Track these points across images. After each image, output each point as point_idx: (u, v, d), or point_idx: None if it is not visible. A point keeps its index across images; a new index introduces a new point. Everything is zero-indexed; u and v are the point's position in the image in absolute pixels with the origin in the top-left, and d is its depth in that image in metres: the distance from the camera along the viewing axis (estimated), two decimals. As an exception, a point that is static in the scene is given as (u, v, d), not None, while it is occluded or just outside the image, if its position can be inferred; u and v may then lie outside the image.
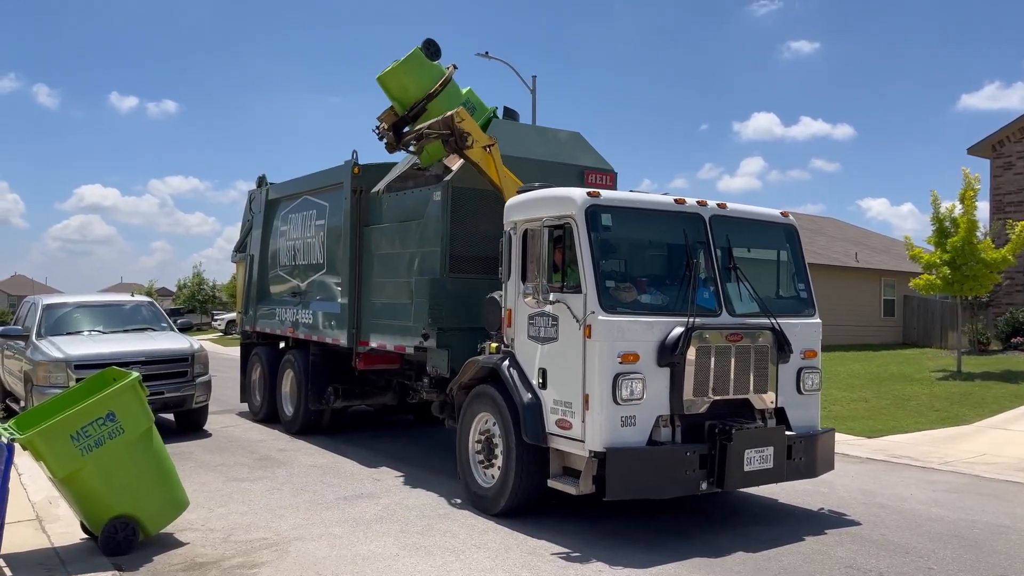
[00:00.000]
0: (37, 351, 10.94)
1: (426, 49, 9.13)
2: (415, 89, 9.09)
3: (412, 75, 9.09)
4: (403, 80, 9.12)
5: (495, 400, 7.03)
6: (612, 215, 6.64)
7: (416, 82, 9.11)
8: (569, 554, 6.00)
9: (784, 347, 6.89)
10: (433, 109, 8.89)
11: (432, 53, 9.17)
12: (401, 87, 9.15)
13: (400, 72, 9.12)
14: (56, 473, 5.75)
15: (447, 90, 9.08)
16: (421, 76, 9.11)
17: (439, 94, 9.01)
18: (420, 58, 9.12)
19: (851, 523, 7.00)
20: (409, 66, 9.13)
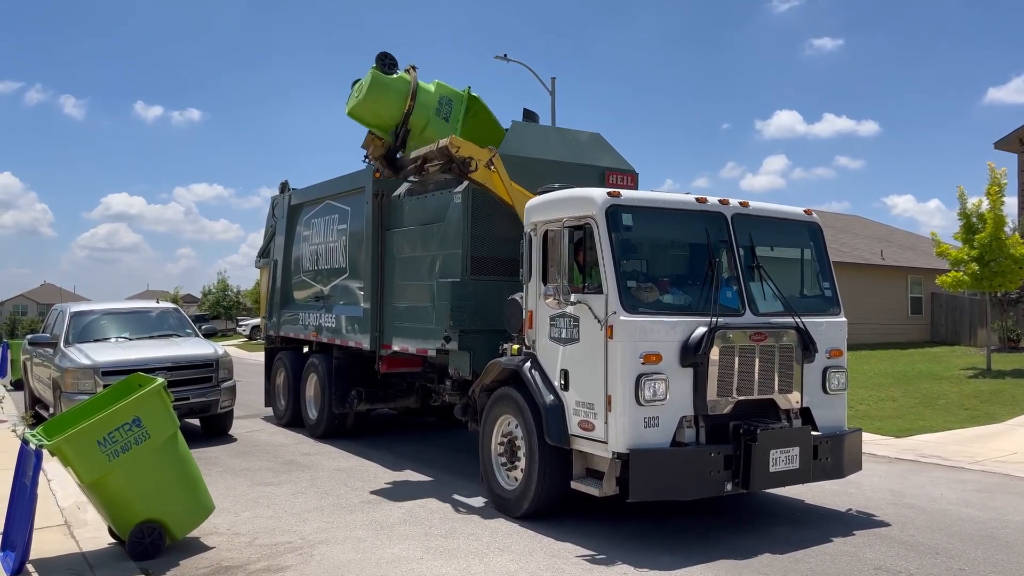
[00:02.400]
0: (65, 358, 11.08)
1: (382, 66, 8.90)
2: (390, 113, 8.93)
3: (382, 101, 8.91)
4: (375, 108, 8.95)
5: (517, 402, 7.02)
6: (633, 215, 6.60)
7: (388, 106, 8.93)
8: (594, 556, 5.97)
9: (809, 346, 6.81)
10: (415, 124, 8.80)
11: (389, 66, 8.96)
12: (376, 115, 9.01)
13: (370, 102, 8.92)
14: (83, 478, 5.82)
15: (419, 99, 8.92)
16: (391, 98, 8.93)
17: (418, 107, 8.89)
18: (382, 80, 8.90)
19: (880, 524, 6.90)
20: (376, 93, 8.92)
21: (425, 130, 9.01)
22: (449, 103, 8.99)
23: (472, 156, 8.00)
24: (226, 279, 58.95)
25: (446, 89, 9.30)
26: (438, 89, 9.22)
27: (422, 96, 9.01)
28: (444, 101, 9.02)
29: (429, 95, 9.12)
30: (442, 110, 9.11)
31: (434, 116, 9.06)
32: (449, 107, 9.03)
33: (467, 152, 8.00)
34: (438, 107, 9.08)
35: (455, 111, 9.06)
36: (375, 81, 8.89)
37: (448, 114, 9.10)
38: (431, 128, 9.04)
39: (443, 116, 9.12)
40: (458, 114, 9.07)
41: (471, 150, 8.04)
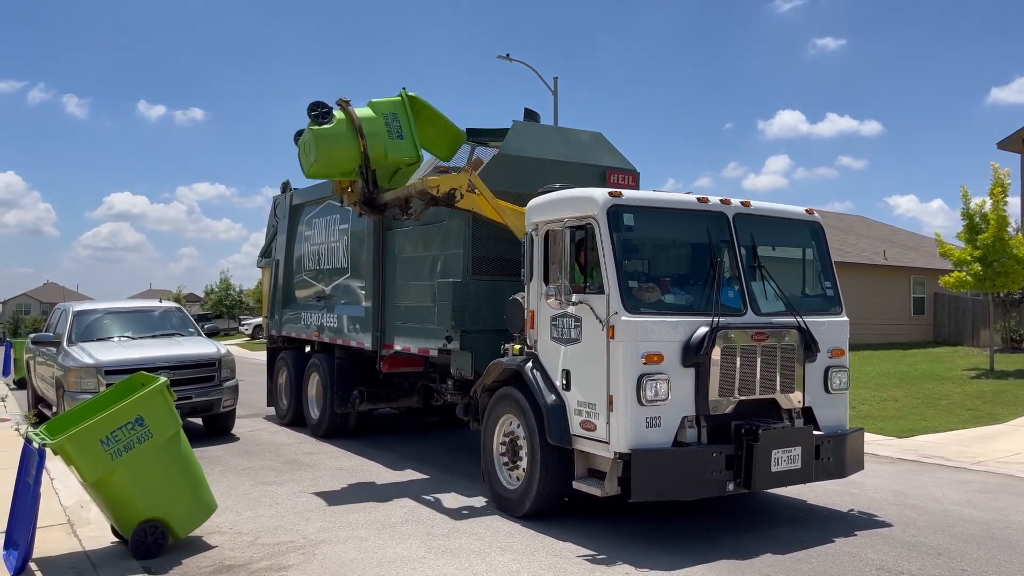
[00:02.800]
0: (68, 357, 11.10)
1: (317, 119, 8.35)
2: (347, 158, 8.51)
3: (334, 152, 8.44)
4: (330, 162, 8.54)
5: (519, 402, 7.02)
6: (634, 215, 6.61)
7: (342, 154, 8.48)
8: (595, 556, 5.98)
9: (811, 346, 6.81)
10: (375, 157, 8.47)
11: (323, 115, 8.37)
12: (334, 167, 8.64)
13: (323, 159, 8.44)
14: (86, 477, 5.83)
15: (367, 130, 8.41)
16: (341, 145, 8.44)
17: (369, 139, 8.41)
18: (323, 133, 8.36)
19: (882, 524, 6.90)
20: (324, 148, 8.39)
21: (387, 158, 8.61)
22: (395, 117, 8.54)
23: (453, 187, 7.87)
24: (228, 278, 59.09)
25: (384, 105, 8.71)
26: (377, 109, 8.64)
27: (368, 126, 8.46)
28: (390, 118, 8.56)
29: (374, 121, 8.55)
30: (392, 129, 8.61)
31: (388, 140, 8.55)
32: (397, 121, 8.57)
33: (447, 186, 7.90)
34: (388, 129, 8.55)
35: (404, 123, 8.60)
36: (318, 137, 8.34)
37: (400, 130, 8.59)
38: (392, 153, 8.62)
39: (396, 135, 8.60)
40: (408, 125, 8.63)
41: (449, 182, 7.93)
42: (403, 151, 8.66)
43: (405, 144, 8.64)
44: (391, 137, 8.55)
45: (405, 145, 8.65)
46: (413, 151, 8.69)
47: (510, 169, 8.69)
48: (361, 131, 8.36)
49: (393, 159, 8.68)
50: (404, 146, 8.65)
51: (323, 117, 8.33)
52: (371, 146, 8.44)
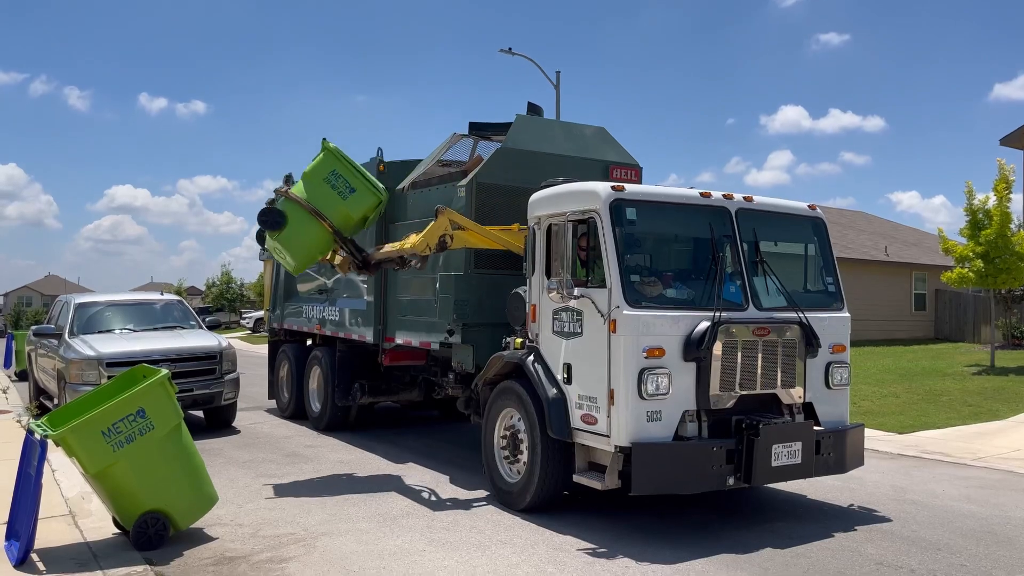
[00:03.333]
0: (70, 349, 11.11)
1: (270, 226, 8.10)
2: (320, 241, 8.31)
3: (305, 244, 8.23)
4: (305, 253, 8.39)
5: (520, 395, 7.03)
6: (637, 209, 6.60)
7: (313, 241, 8.23)
8: (595, 550, 5.99)
9: (812, 341, 6.81)
10: (342, 225, 8.22)
11: (276, 222, 8.07)
12: (313, 253, 8.48)
13: (299, 257, 8.31)
14: (88, 469, 5.84)
15: (322, 207, 8.08)
16: (306, 236, 8.16)
17: (327, 212, 8.10)
18: (283, 236, 8.14)
19: (881, 519, 6.91)
20: (296, 246, 8.19)
21: (353, 217, 8.34)
22: (336, 175, 8.17)
23: (441, 234, 7.73)
24: (230, 271, 59.22)
25: (319, 170, 8.25)
26: (316, 177, 8.22)
27: (319, 202, 8.10)
28: (333, 179, 8.15)
29: (320, 192, 8.14)
30: (341, 189, 8.22)
31: (344, 201, 8.19)
32: (340, 178, 8.20)
33: (434, 238, 7.73)
34: (337, 191, 8.18)
35: (347, 176, 8.23)
36: (282, 241, 8.17)
37: (348, 185, 8.22)
38: (355, 211, 8.28)
39: (348, 192, 8.21)
40: (351, 173, 8.27)
41: (434, 232, 7.75)
42: (363, 202, 8.31)
43: (360, 195, 8.27)
44: (345, 197, 8.19)
45: (361, 196, 8.27)
46: (373, 196, 8.36)
47: (512, 163, 8.68)
48: (317, 212, 8.06)
49: (359, 214, 8.38)
50: (361, 197, 8.28)
51: (276, 224, 8.06)
52: (332, 217, 8.15)
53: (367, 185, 8.33)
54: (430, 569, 5.59)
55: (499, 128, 9.72)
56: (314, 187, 8.17)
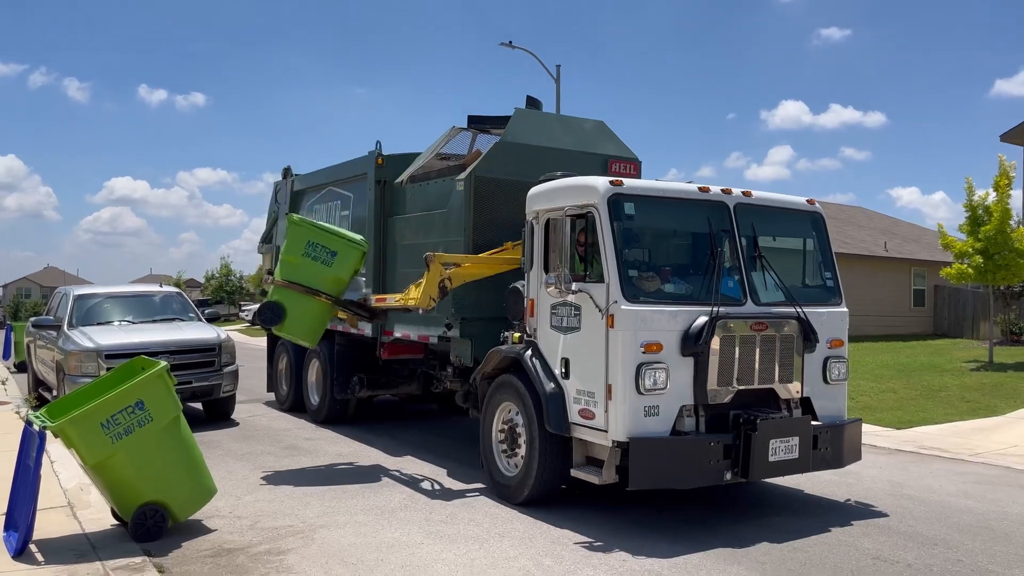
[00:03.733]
0: (69, 341, 11.11)
1: (272, 322, 8.24)
2: (323, 313, 8.45)
3: (310, 323, 8.34)
4: (316, 326, 8.49)
5: (518, 390, 7.04)
6: (635, 204, 6.60)
7: (316, 317, 8.35)
8: (592, 543, 6.00)
9: (810, 336, 6.81)
10: (334, 289, 8.35)
11: (276, 317, 8.24)
12: (322, 324, 8.58)
13: (311, 332, 8.45)
14: (87, 460, 5.85)
15: (313, 280, 8.19)
16: (309, 316, 8.34)
17: (319, 286, 8.21)
18: (289, 323, 8.28)
19: (878, 514, 6.93)
20: (302, 327, 8.38)
21: (343, 279, 8.45)
22: (313, 246, 8.21)
23: (440, 282, 7.76)
24: (229, 264, 59.20)
25: (294, 244, 8.31)
26: (293, 254, 8.29)
27: (308, 279, 8.23)
28: (311, 250, 8.20)
29: (305, 267, 8.24)
30: (323, 257, 8.18)
31: (329, 268, 8.29)
32: (317, 246, 8.25)
33: (433, 286, 7.76)
34: (319, 260, 8.24)
35: (324, 241, 8.28)
36: (288, 328, 8.35)
37: (326, 250, 8.28)
38: (342, 272, 8.35)
39: (330, 256, 8.26)
40: (326, 236, 8.33)
41: (431, 283, 7.78)
42: (348, 260, 8.41)
43: (343, 255, 8.35)
44: (329, 264, 8.28)
45: (344, 256, 8.36)
46: (355, 250, 8.45)
47: (511, 157, 8.66)
48: (309, 290, 8.19)
49: (348, 273, 8.48)
50: (345, 257, 8.36)
51: (276, 319, 8.23)
52: (325, 287, 8.28)
53: (346, 242, 8.42)
54: (428, 561, 5.61)
55: (498, 122, 9.70)
56: (296, 266, 8.27)
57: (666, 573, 5.42)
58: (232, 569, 5.48)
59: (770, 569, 5.53)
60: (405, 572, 5.42)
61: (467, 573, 5.40)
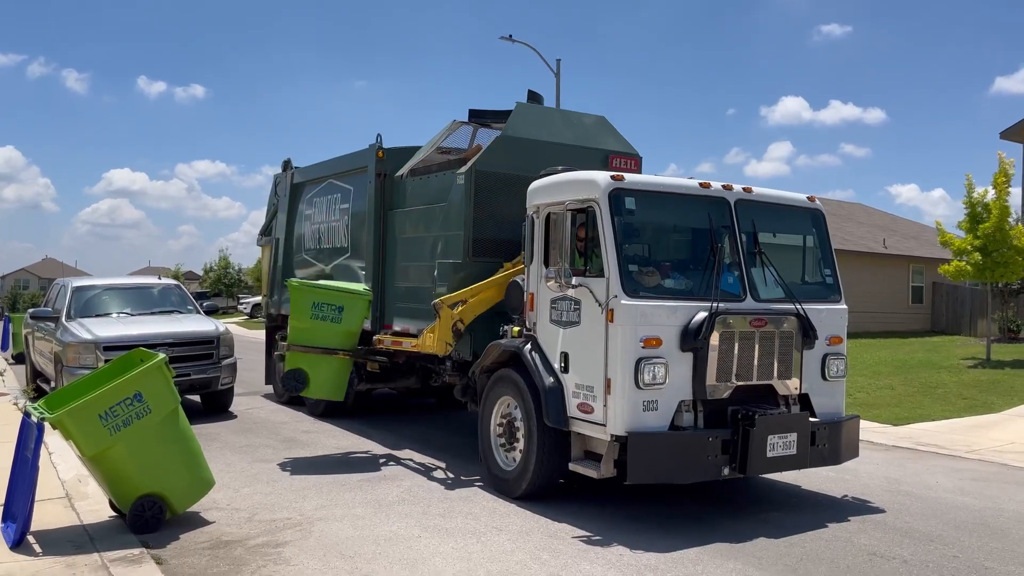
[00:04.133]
0: (67, 332, 11.10)
1: (297, 388, 8.71)
2: (343, 368, 8.84)
3: (334, 380, 8.76)
4: (340, 381, 8.85)
5: (517, 384, 7.04)
6: (636, 199, 6.58)
7: (337, 373, 8.76)
8: (590, 537, 6.01)
9: (809, 333, 6.81)
10: (347, 343, 8.67)
11: (299, 384, 8.68)
12: (344, 377, 8.92)
13: (335, 387, 8.82)
14: (85, 452, 5.85)
15: (325, 342, 8.52)
16: (332, 374, 8.72)
17: (333, 343, 8.55)
18: (313, 388, 8.72)
19: (875, 510, 6.94)
20: (328, 386, 8.79)
21: (353, 330, 8.73)
22: (319, 307, 8.46)
23: (453, 325, 7.91)
24: (227, 257, 59.04)
25: (300, 308, 8.58)
26: (301, 318, 8.57)
27: (321, 339, 8.59)
28: (317, 311, 8.46)
29: (315, 328, 8.55)
30: (331, 315, 8.55)
31: (339, 324, 8.59)
32: (321, 306, 8.49)
33: (447, 332, 7.93)
34: (329, 319, 8.52)
35: (326, 300, 8.52)
36: (313, 391, 8.73)
37: (332, 309, 8.54)
38: (353, 324, 8.70)
39: (337, 312, 8.54)
40: (329, 296, 8.57)
41: (444, 329, 7.94)
42: (356, 312, 8.71)
43: (350, 308, 8.65)
44: (339, 320, 8.59)
45: (352, 308, 8.66)
46: (361, 300, 8.74)
47: (512, 151, 8.65)
48: (325, 350, 8.52)
49: (358, 325, 8.79)
50: (352, 310, 8.67)
51: (301, 384, 8.66)
52: (339, 343, 8.60)
53: (350, 295, 8.67)
54: (425, 555, 5.62)
55: (499, 116, 9.70)
56: (307, 329, 8.56)
57: (663, 567, 5.43)
58: (230, 561, 5.49)
59: (767, 564, 5.54)
60: (403, 565, 5.42)
61: (464, 566, 5.41)
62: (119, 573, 5.04)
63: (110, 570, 5.09)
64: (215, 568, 5.35)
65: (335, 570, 5.33)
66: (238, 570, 5.32)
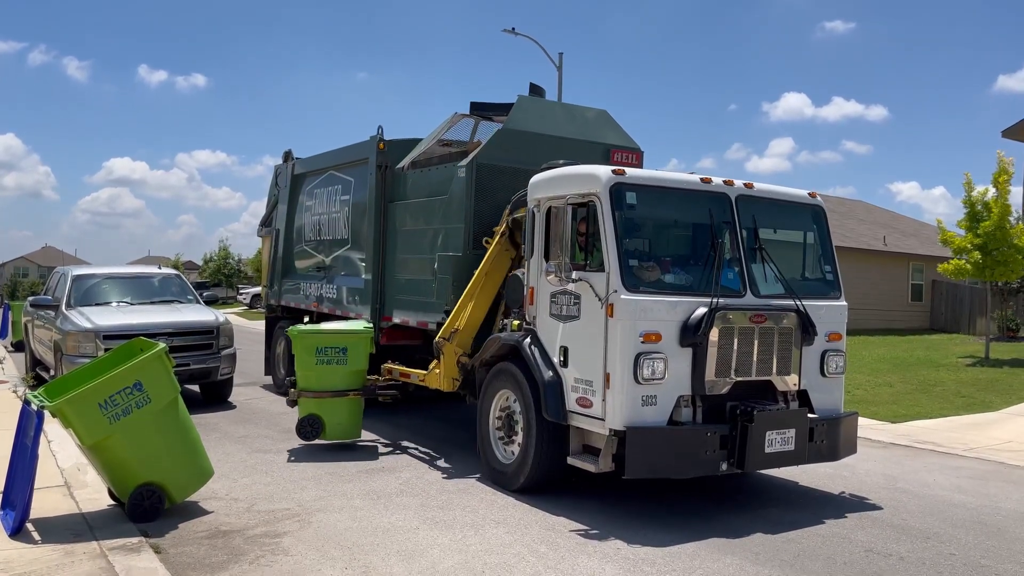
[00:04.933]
0: (67, 321, 11.11)
1: (313, 435, 8.60)
2: (357, 406, 8.84)
3: (347, 421, 8.73)
4: (355, 424, 8.84)
5: (516, 377, 7.05)
6: (637, 193, 6.57)
7: (351, 413, 8.76)
8: (587, 531, 6.03)
9: (808, 329, 6.81)
10: (354, 383, 8.74)
11: (314, 431, 8.62)
12: (358, 419, 8.89)
13: (356, 430, 8.84)
14: (84, 440, 5.86)
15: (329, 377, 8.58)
16: (343, 410, 8.68)
17: (342, 386, 8.63)
18: (329, 430, 8.67)
19: (872, 507, 6.96)
20: (343, 429, 8.71)
21: (361, 366, 8.82)
22: (321, 350, 8.57)
23: (457, 360, 7.92)
24: (227, 247, 59.05)
25: (306, 355, 8.64)
26: (307, 364, 8.65)
27: (331, 382, 8.63)
28: (322, 355, 8.58)
29: (324, 373, 8.65)
30: (336, 357, 8.64)
31: (347, 365, 8.67)
32: (325, 350, 8.59)
33: (452, 368, 7.96)
34: (335, 361, 8.61)
35: (329, 343, 8.64)
36: (330, 436, 8.68)
37: (336, 351, 8.63)
38: (359, 362, 8.77)
39: (342, 353, 8.65)
40: (331, 339, 8.66)
41: (449, 366, 7.99)
42: (360, 350, 8.75)
43: (355, 347, 8.70)
44: (344, 362, 8.66)
45: (356, 347, 8.71)
46: (362, 338, 8.77)
47: (513, 144, 8.64)
48: (336, 393, 8.62)
49: (363, 362, 8.83)
50: (357, 348, 8.72)
51: (316, 431, 8.60)
52: (347, 384, 8.70)
53: (353, 335, 8.73)
54: (423, 547, 5.63)
55: (500, 108, 9.67)
56: (316, 373, 8.66)
57: (660, 562, 5.45)
58: (228, 551, 5.50)
59: (764, 559, 5.55)
60: (401, 556, 5.44)
61: (462, 558, 5.42)
62: (118, 561, 5.05)
63: (109, 558, 5.10)
64: (214, 557, 5.37)
65: (333, 560, 5.34)
66: (236, 560, 5.34)
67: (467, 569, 5.24)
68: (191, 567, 5.19)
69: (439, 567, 5.27)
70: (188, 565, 5.22)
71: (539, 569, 5.27)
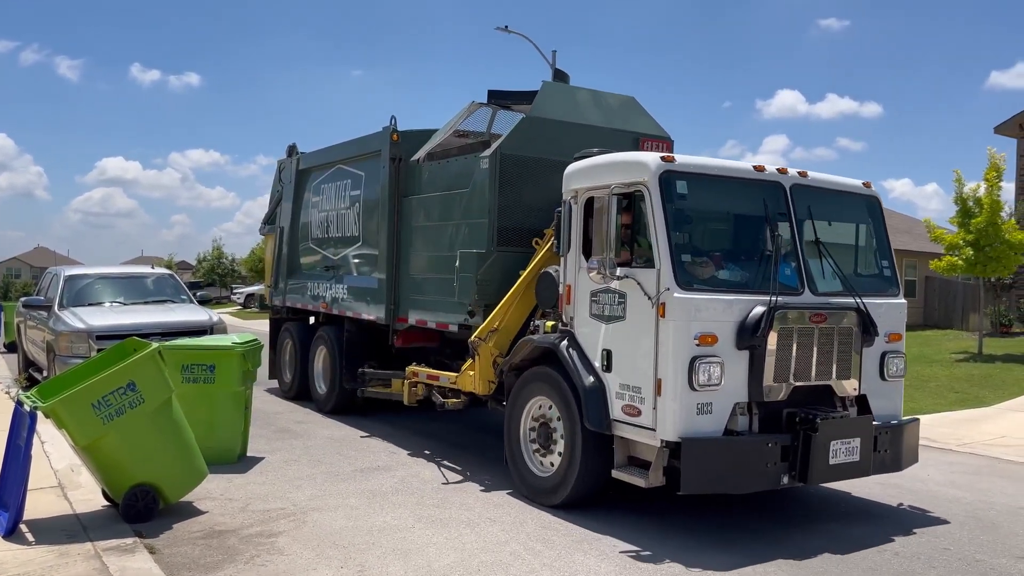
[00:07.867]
0: (59, 321, 11.06)
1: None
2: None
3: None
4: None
5: (554, 383, 6.55)
6: (688, 182, 6.01)
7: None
8: (583, 529, 6.03)
9: (870, 329, 6.29)
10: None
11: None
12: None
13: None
14: (78, 441, 5.82)
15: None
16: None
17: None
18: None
19: (865, 502, 6.96)
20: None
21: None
22: (190, 367, 7.98)
23: (493, 360, 7.46)
24: (221, 247, 58.99)
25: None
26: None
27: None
28: (190, 371, 8.04)
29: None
30: (200, 374, 8.02)
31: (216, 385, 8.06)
32: (198, 367, 8.05)
33: (488, 370, 7.48)
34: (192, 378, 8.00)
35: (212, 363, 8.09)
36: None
37: (205, 371, 8.05)
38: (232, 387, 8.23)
39: (208, 373, 8.04)
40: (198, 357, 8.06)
41: (485, 367, 7.52)
42: (232, 365, 8.16)
43: (221, 367, 8.13)
44: (209, 380, 8.12)
45: (223, 367, 8.14)
46: (231, 355, 8.22)
47: (539, 133, 8.08)
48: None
49: (237, 376, 8.26)
50: (224, 368, 8.13)
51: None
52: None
53: (221, 351, 8.15)
54: (419, 545, 5.62)
55: (520, 97, 9.16)
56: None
57: (656, 560, 5.43)
58: (223, 551, 5.48)
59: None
60: (396, 555, 5.43)
61: (458, 557, 5.41)
62: (112, 562, 5.03)
63: (103, 559, 5.08)
64: (209, 557, 5.35)
65: (328, 560, 5.33)
66: (232, 559, 5.32)
67: (463, 567, 5.23)
68: (186, 567, 5.17)
69: (435, 565, 5.26)
70: (183, 565, 5.20)
71: (535, 567, 5.26)
